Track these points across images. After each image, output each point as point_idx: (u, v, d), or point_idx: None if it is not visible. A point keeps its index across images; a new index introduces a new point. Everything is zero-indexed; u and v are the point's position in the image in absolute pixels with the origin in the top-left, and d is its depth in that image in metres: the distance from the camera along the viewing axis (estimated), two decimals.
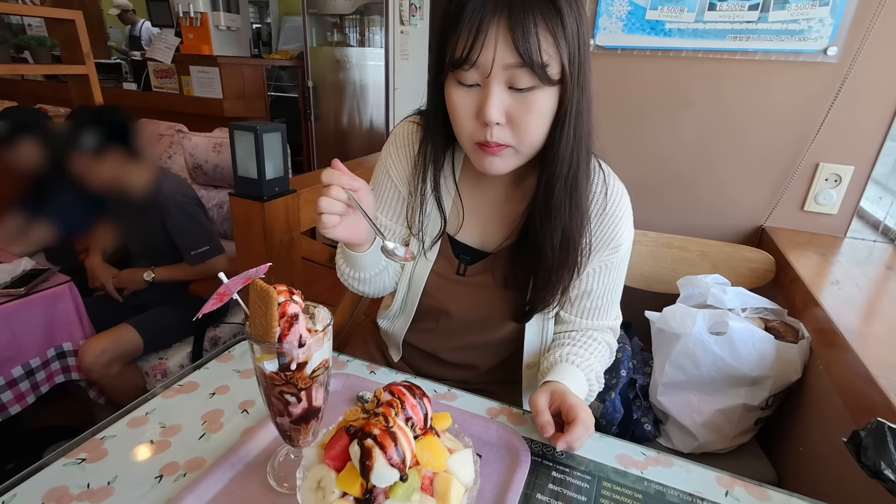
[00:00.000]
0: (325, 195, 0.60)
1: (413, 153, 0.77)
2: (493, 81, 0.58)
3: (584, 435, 0.59)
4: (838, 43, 1.15)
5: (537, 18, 0.55)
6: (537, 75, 0.57)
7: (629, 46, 1.32)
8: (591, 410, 0.62)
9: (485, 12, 0.56)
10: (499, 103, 0.59)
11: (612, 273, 0.78)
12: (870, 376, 0.70)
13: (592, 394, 0.76)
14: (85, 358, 1.43)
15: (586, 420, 0.60)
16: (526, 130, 0.61)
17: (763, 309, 1.02)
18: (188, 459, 0.58)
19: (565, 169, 0.66)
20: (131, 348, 1.49)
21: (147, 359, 1.56)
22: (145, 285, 1.58)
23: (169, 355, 1.57)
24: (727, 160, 1.33)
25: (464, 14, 0.56)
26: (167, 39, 3.41)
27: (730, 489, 0.58)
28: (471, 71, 0.59)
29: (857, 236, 1.29)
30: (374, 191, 0.80)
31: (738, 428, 0.96)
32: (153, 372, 1.51)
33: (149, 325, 1.54)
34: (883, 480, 0.47)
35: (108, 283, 1.60)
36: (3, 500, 0.52)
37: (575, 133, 0.64)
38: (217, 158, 1.89)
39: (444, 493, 0.39)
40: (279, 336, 0.46)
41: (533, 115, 0.60)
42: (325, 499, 0.39)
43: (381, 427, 0.38)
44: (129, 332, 1.49)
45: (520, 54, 0.56)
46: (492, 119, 0.59)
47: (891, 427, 0.51)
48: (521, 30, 0.55)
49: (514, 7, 0.55)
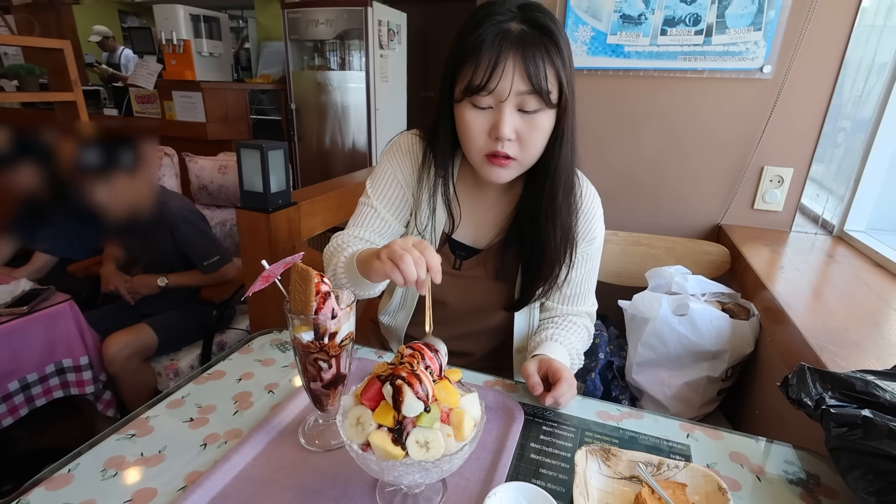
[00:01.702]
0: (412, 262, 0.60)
1: (416, 161, 0.88)
2: (506, 105, 0.70)
3: (568, 391, 0.70)
4: (772, 62, 1.33)
5: (544, 53, 0.68)
6: (543, 101, 0.70)
7: (594, 67, 1.47)
8: (567, 372, 0.73)
9: (501, 48, 0.67)
10: (511, 123, 0.71)
11: (587, 264, 0.90)
12: (803, 338, 0.83)
13: (574, 368, 0.87)
14: (109, 350, 1.52)
15: (569, 379, 0.71)
16: (531, 146, 0.74)
17: (720, 293, 1.15)
18: (227, 430, 0.66)
19: (564, 177, 0.78)
20: (149, 344, 1.60)
21: (159, 359, 1.66)
22: (159, 290, 1.66)
23: (180, 357, 1.68)
24: (685, 166, 1.48)
25: (482, 49, 0.68)
26: (149, 66, 3.48)
27: (690, 433, 0.70)
28: (487, 97, 0.70)
29: (801, 230, 1.46)
30: (379, 194, 0.89)
31: (704, 398, 1.08)
32: (165, 372, 1.61)
33: (163, 325, 1.64)
34: (804, 407, 0.59)
35: (122, 287, 1.67)
36: (69, 468, 0.59)
37: (571, 146, 0.77)
38: (222, 179, 1.98)
39: (459, 423, 0.49)
40: (315, 309, 0.56)
41: (537, 132, 0.73)
42: (364, 431, 0.48)
43: (408, 371, 0.48)
44: (147, 329, 1.60)
45: (531, 83, 0.68)
46: (505, 136, 0.71)
47: (810, 368, 0.63)
48: (532, 63, 0.67)
49: (525, 44, 0.67)
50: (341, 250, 0.82)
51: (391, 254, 0.62)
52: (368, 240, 0.88)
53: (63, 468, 0.59)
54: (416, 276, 0.60)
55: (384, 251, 0.63)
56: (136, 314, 1.68)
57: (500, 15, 0.69)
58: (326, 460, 0.61)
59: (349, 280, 0.78)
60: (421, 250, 0.62)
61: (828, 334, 0.84)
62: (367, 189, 0.91)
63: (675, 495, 0.54)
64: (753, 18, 1.31)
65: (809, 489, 0.60)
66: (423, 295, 0.63)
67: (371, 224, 0.89)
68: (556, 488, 0.59)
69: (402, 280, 0.61)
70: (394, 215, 0.90)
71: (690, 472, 0.57)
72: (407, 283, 0.61)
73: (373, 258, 0.66)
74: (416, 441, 0.47)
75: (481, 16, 0.70)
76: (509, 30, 0.68)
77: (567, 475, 0.61)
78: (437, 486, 0.58)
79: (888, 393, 0.55)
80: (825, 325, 0.87)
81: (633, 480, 0.59)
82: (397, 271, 0.61)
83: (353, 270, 0.76)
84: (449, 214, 0.88)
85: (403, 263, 0.60)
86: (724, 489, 0.54)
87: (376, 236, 0.89)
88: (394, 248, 0.62)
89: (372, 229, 0.88)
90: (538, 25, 0.69)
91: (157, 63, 3.51)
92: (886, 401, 0.54)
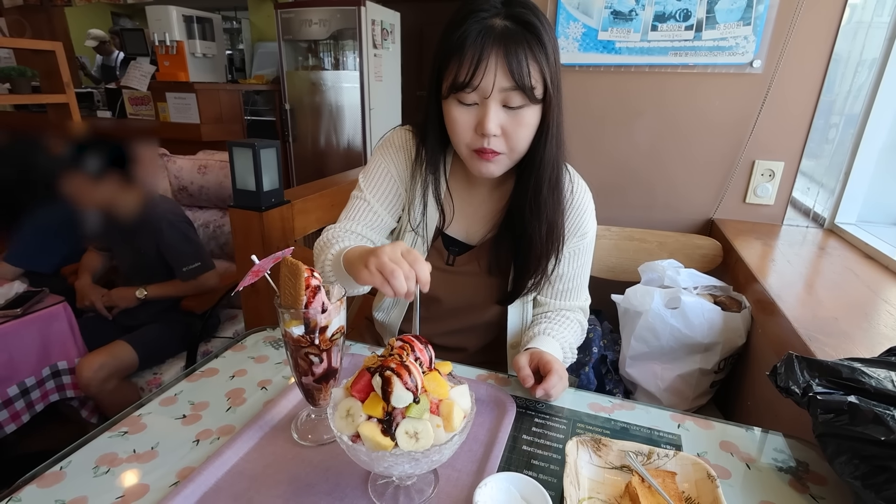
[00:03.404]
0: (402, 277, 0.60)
1: (409, 156, 0.88)
2: (491, 102, 0.71)
3: (558, 383, 0.70)
4: (761, 56, 1.34)
5: (527, 49, 0.68)
6: (527, 96, 0.70)
7: (585, 63, 1.48)
8: (564, 366, 0.74)
9: (484, 45, 0.68)
10: (495, 119, 0.71)
11: (579, 259, 0.91)
12: (793, 329, 0.83)
13: (566, 362, 0.87)
14: (83, 373, 1.46)
15: (560, 370, 0.71)
16: (517, 141, 0.74)
17: (712, 286, 1.16)
18: (220, 426, 0.67)
19: (549, 171, 0.79)
20: (127, 363, 1.53)
21: (142, 374, 1.60)
22: (137, 303, 1.61)
23: (163, 370, 1.62)
24: (677, 161, 1.49)
25: (466, 45, 0.68)
26: (142, 67, 3.47)
27: (681, 423, 0.70)
28: (472, 93, 0.71)
29: (793, 223, 1.47)
30: (372, 187, 0.89)
31: (696, 391, 1.08)
32: (148, 387, 1.55)
33: (143, 341, 1.58)
34: (791, 395, 0.60)
35: (98, 301, 1.62)
36: (61, 466, 0.59)
37: (556, 141, 0.77)
38: (202, 180, 1.96)
39: (448, 414, 0.50)
40: (305, 303, 0.56)
41: (522, 128, 0.73)
42: (353, 422, 0.48)
43: (397, 362, 0.49)
44: (125, 347, 1.53)
45: (514, 80, 0.68)
46: (490, 132, 0.72)
47: (798, 356, 0.63)
48: (515, 60, 0.68)
49: (508, 40, 0.68)
50: (330, 245, 0.82)
51: (381, 266, 0.61)
52: (360, 233, 0.88)
53: (55, 465, 0.59)
54: (407, 289, 0.60)
55: (373, 261, 0.62)
56: (116, 325, 1.63)
57: (484, 11, 0.70)
58: (319, 454, 0.62)
59: (337, 277, 0.78)
60: (411, 262, 0.61)
61: (818, 325, 0.84)
62: (359, 183, 0.90)
63: (665, 484, 0.55)
64: (743, 13, 1.32)
65: (798, 476, 0.61)
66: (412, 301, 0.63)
67: (363, 217, 0.89)
68: (548, 479, 0.59)
69: (392, 294, 0.61)
70: (386, 209, 0.90)
71: (680, 460, 0.58)
72: (397, 296, 0.61)
73: (360, 264, 0.65)
74: (406, 432, 0.47)
75: (465, 12, 0.70)
76: (493, 26, 0.69)
77: (558, 466, 0.61)
78: (429, 478, 0.58)
79: (874, 379, 0.56)
80: (815, 316, 0.88)
81: (623, 470, 0.59)
82: (388, 286, 0.60)
83: (339, 269, 0.75)
84: (440, 210, 0.88)
85: (395, 279, 0.59)
86: (714, 477, 0.54)
87: (368, 230, 0.89)
88: (383, 260, 0.61)
89: (364, 222, 0.88)
90: (522, 21, 0.69)
91: (151, 65, 3.50)
92: (872, 387, 0.55)
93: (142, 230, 1.56)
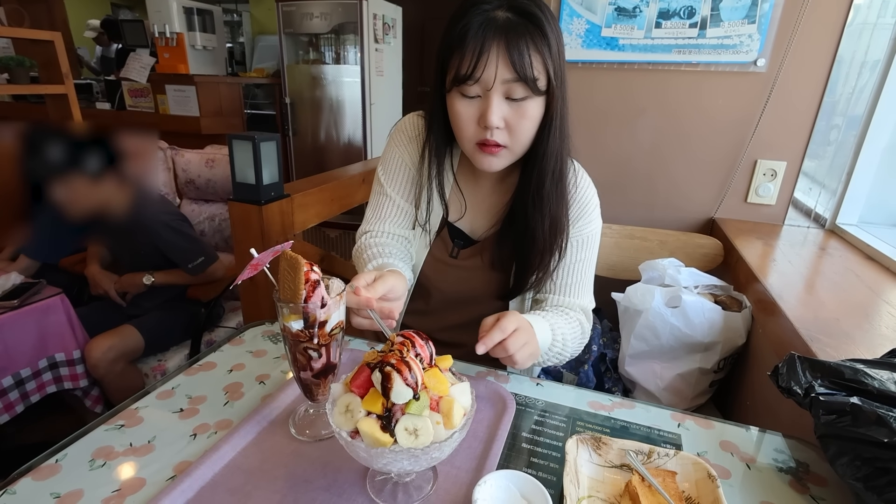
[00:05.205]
0: (356, 315, 0.66)
1: (421, 143, 0.88)
2: (493, 94, 0.70)
3: (496, 335, 0.65)
4: (766, 55, 1.33)
5: (529, 41, 0.67)
6: (530, 88, 0.69)
7: (588, 60, 1.47)
8: (526, 323, 0.69)
9: (486, 36, 0.67)
10: (498, 111, 0.71)
11: (581, 251, 0.87)
12: (794, 329, 0.83)
13: (556, 350, 0.80)
14: (92, 354, 1.48)
15: (503, 324, 0.66)
16: (520, 133, 0.73)
17: (713, 286, 1.16)
18: (217, 421, 0.66)
19: (552, 164, 0.78)
20: (134, 346, 1.56)
21: (147, 360, 1.63)
22: (145, 288, 1.63)
23: (167, 357, 1.65)
24: (679, 160, 1.48)
25: (467, 38, 0.68)
26: (142, 59, 3.45)
27: (681, 422, 0.70)
28: (474, 86, 0.70)
29: (794, 223, 1.46)
30: (391, 181, 0.90)
31: (696, 390, 1.08)
32: (153, 373, 1.58)
33: (149, 326, 1.61)
34: (793, 396, 0.59)
35: (111, 288, 1.64)
36: (57, 458, 0.59)
37: (560, 134, 0.76)
38: (209, 173, 1.95)
39: (448, 411, 0.49)
40: (305, 298, 0.55)
41: (525, 120, 0.72)
42: (353, 418, 0.48)
43: (397, 358, 0.48)
44: (132, 331, 1.56)
45: (516, 71, 0.68)
46: (493, 124, 0.71)
47: (800, 357, 0.63)
48: (517, 51, 0.67)
49: (510, 32, 0.67)
50: (359, 256, 0.87)
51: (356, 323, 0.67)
52: (391, 232, 0.90)
53: (51, 458, 0.59)
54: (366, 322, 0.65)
55: (354, 320, 0.66)
56: (122, 313, 1.65)
57: (486, 3, 0.69)
58: (317, 450, 0.61)
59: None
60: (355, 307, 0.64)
61: (819, 325, 0.84)
62: (378, 176, 0.91)
63: (665, 483, 0.54)
64: (747, 11, 1.31)
65: (799, 477, 0.61)
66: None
67: (390, 215, 0.90)
68: (547, 477, 0.59)
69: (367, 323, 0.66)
70: (408, 201, 0.91)
71: (680, 460, 0.58)
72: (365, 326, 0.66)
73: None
74: (405, 428, 0.47)
75: (468, 5, 0.70)
76: (495, 18, 0.68)
77: (558, 464, 0.61)
78: (428, 475, 0.58)
79: (876, 381, 0.55)
80: (816, 317, 0.88)
81: (623, 469, 0.59)
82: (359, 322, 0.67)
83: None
84: (443, 203, 0.88)
85: (354, 322, 0.66)
86: (714, 476, 0.54)
87: (396, 227, 0.90)
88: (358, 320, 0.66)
89: (391, 220, 0.90)
90: (524, 13, 0.68)
91: (150, 56, 3.48)
92: (875, 388, 0.55)
93: (137, 231, 1.56)
